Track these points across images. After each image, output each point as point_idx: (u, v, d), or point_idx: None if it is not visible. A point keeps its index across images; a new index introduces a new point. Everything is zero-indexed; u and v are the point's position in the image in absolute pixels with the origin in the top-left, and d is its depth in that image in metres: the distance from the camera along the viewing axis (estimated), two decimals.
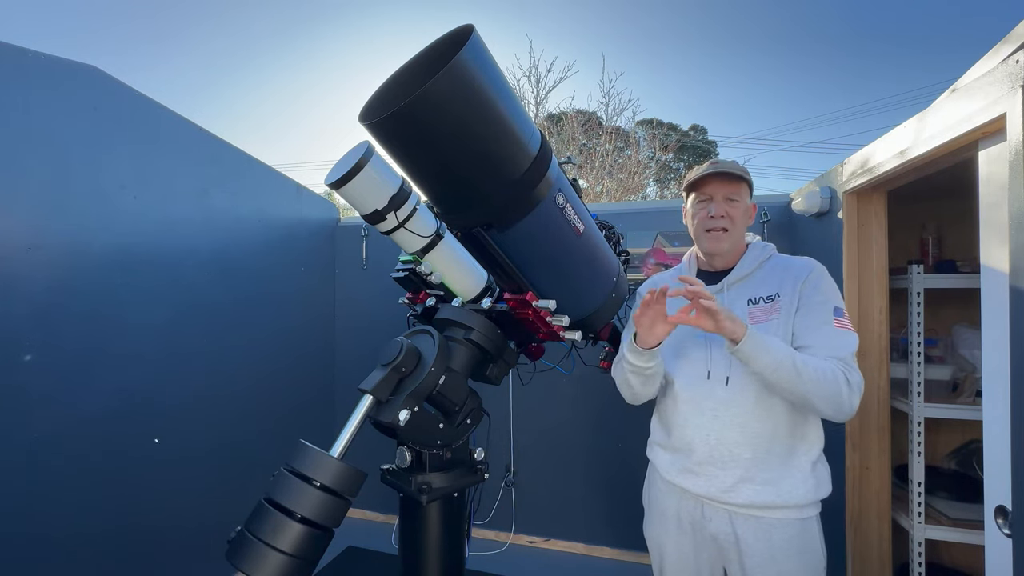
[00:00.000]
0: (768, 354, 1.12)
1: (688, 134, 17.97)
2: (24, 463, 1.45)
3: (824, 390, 1.13)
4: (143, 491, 1.78)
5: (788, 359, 1.12)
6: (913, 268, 1.82)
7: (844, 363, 1.18)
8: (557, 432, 2.68)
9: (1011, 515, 1.06)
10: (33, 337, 1.47)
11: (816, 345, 1.20)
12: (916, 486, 1.77)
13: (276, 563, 0.81)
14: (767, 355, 1.12)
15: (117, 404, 1.70)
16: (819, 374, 1.13)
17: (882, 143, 1.61)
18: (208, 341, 2.07)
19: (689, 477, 1.29)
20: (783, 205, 2.45)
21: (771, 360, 1.12)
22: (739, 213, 1.32)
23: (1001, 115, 1.08)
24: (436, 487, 1.15)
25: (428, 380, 1.05)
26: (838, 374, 1.15)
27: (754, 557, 1.22)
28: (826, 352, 1.18)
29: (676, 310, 1.19)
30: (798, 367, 1.12)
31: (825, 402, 1.15)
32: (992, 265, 1.16)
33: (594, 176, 11.46)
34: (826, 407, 1.16)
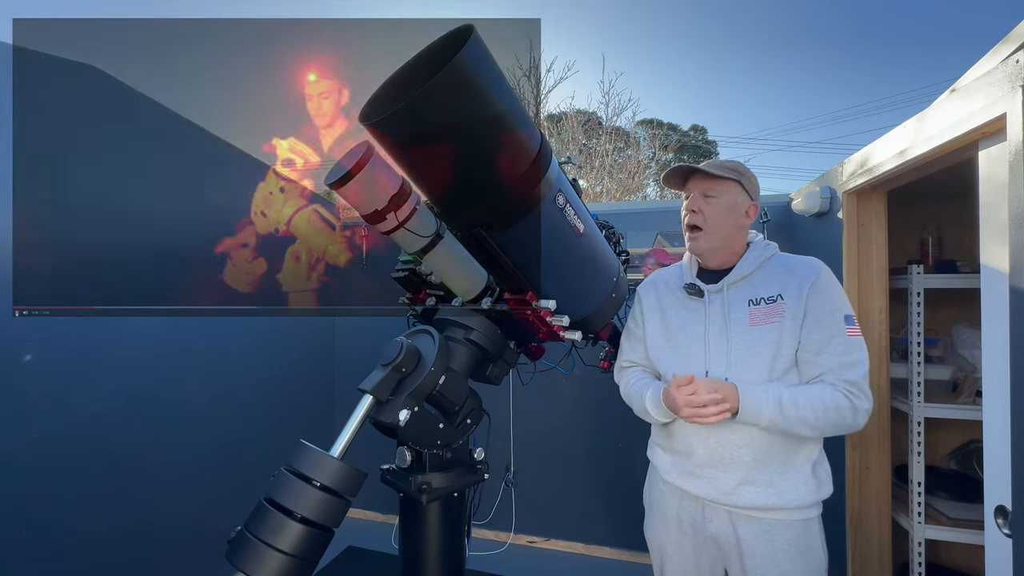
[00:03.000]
0: (762, 415, 1.16)
1: (688, 134, 17.97)
2: (24, 463, 1.45)
3: (828, 425, 1.17)
4: (143, 491, 1.78)
5: (791, 408, 1.15)
6: (913, 268, 1.82)
7: (854, 387, 1.17)
8: (557, 432, 2.68)
9: (1011, 515, 1.06)
10: (33, 337, 1.47)
11: (828, 369, 1.19)
12: (916, 486, 1.77)
13: (276, 563, 0.81)
14: (763, 416, 1.16)
15: (117, 404, 1.70)
16: (826, 412, 1.16)
17: (882, 143, 1.61)
18: (208, 340, 2.07)
19: (690, 479, 1.29)
20: (783, 205, 2.45)
21: (771, 416, 1.16)
22: (717, 211, 1.28)
23: (1001, 115, 1.08)
24: (436, 487, 1.15)
25: (428, 380, 1.05)
26: (842, 405, 1.16)
27: (755, 558, 1.22)
28: (836, 376, 1.18)
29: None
30: (804, 415, 1.15)
31: (827, 432, 1.20)
32: (992, 265, 1.16)
33: (594, 176, 11.46)
34: (827, 434, 1.22)
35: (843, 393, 1.16)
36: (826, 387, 1.17)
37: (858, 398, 1.16)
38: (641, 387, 1.36)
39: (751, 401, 1.16)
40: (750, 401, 1.16)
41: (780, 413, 1.15)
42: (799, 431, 1.16)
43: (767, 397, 1.16)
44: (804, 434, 1.18)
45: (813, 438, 1.25)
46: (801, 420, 1.15)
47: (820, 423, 1.15)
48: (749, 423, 1.18)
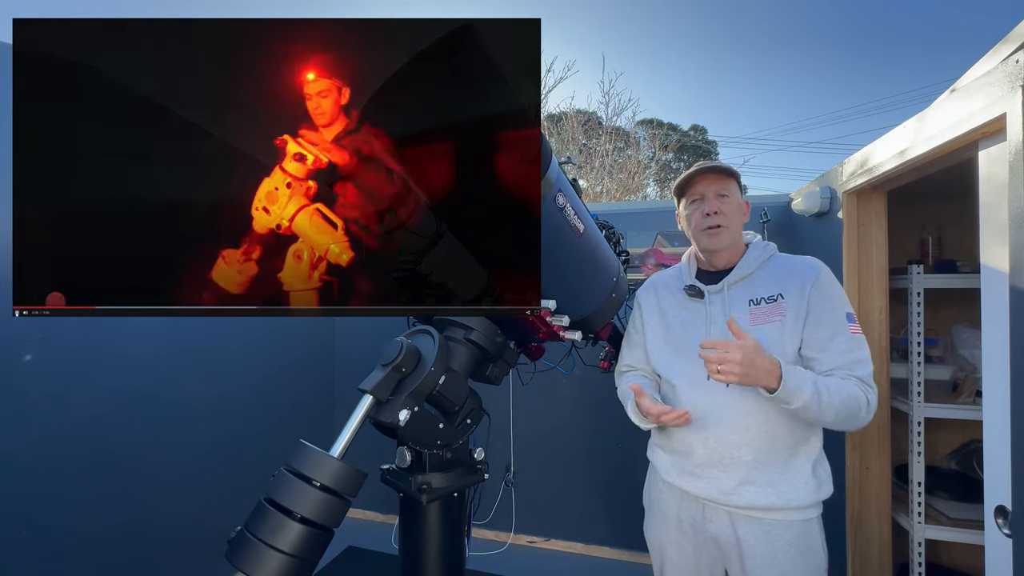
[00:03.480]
0: (801, 395, 1.11)
1: (688, 134, 17.97)
2: (24, 463, 1.45)
3: (847, 416, 1.16)
4: (143, 491, 1.78)
5: (825, 393, 1.12)
6: (913, 268, 1.82)
7: (865, 383, 1.18)
8: (557, 432, 2.68)
9: (1011, 515, 1.06)
10: (33, 337, 1.47)
11: (835, 366, 1.19)
12: (916, 486, 1.77)
13: (276, 563, 0.81)
14: (800, 396, 1.11)
15: (117, 404, 1.70)
16: (848, 402, 1.14)
17: (882, 143, 1.61)
18: (208, 340, 2.07)
19: (690, 479, 1.29)
20: (783, 205, 2.45)
21: (807, 398, 1.11)
22: (732, 209, 1.31)
23: (1001, 115, 1.08)
24: (436, 487, 1.15)
25: (428, 380, 1.05)
26: (859, 398, 1.15)
27: (755, 558, 1.22)
28: (845, 372, 1.18)
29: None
30: (833, 401, 1.12)
31: (842, 424, 1.18)
32: (992, 265, 1.16)
33: (594, 176, 11.46)
34: (840, 427, 1.19)
35: (858, 387, 1.17)
36: (844, 380, 1.17)
37: (870, 393, 1.17)
38: (625, 396, 1.39)
39: (793, 379, 1.11)
40: (792, 379, 1.11)
41: (816, 396, 1.11)
42: (824, 418, 1.14)
43: (806, 378, 1.13)
44: (826, 422, 1.16)
45: (815, 433, 1.26)
46: (831, 406, 1.12)
47: (842, 413, 1.14)
48: (780, 402, 1.13)
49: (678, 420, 1.21)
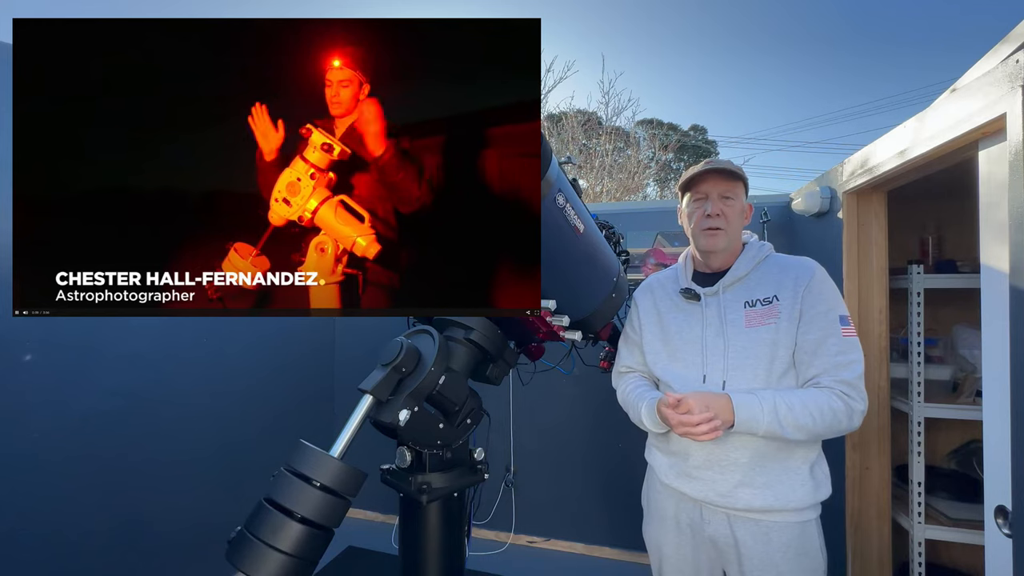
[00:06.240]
0: (759, 424, 1.14)
1: (688, 134, 17.97)
2: (24, 463, 1.45)
3: (824, 429, 1.16)
4: (143, 491, 1.78)
5: (788, 416, 1.14)
6: (913, 268, 1.82)
7: (850, 388, 1.17)
8: (557, 432, 2.68)
9: (1011, 515, 1.06)
10: (33, 337, 1.47)
11: (823, 371, 1.19)
12: (916, 486, 1.77)
13: (276, 563, 0.81)
14: (759, 425, 1.15)
15: (117, 404, 1.70)
16: (820, 417, 1.14)
17: (882, 143, 1.61)
18: (208, 340, 2.07)
19: (687, 481, 1.29)
20: (783, 205, 2.45)
21: (767, 425, 1.14)
22: (735, 212, 1.29)
23: (1001, 115, 1.08)
24: (436, 487, 1.15)
25: (428, 380, 1.05)
26: (837, 409, 1.15)
27: (753, 560, 1.22)
28: (832, 378, 1.17)
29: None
30: (800, 421, 1.14)
31: (822, 436, 1.20)
32: (992, 265, 1.16)
33: (594, 176, 11.46)
34: (821, 438, 1.23)
35: (838, 395, 1.16)
36: (820, 391, 1.17)
37: (853, 399, 1.16)
38: (637, 397, 1.36)
39: (745, 411, 1.14)
40: (744, 411, 1.14)
41: (777, 421, 1.14)
42: (796, 437, 1.16)
43: (763, 406, 1.15)
44: (801, 439, 1.17)
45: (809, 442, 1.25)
46: (798, 426, 1.14)
47: (816, 427, 1.15)
48: (746, 433, 1.18)
49: (713, 434, 1.14)
